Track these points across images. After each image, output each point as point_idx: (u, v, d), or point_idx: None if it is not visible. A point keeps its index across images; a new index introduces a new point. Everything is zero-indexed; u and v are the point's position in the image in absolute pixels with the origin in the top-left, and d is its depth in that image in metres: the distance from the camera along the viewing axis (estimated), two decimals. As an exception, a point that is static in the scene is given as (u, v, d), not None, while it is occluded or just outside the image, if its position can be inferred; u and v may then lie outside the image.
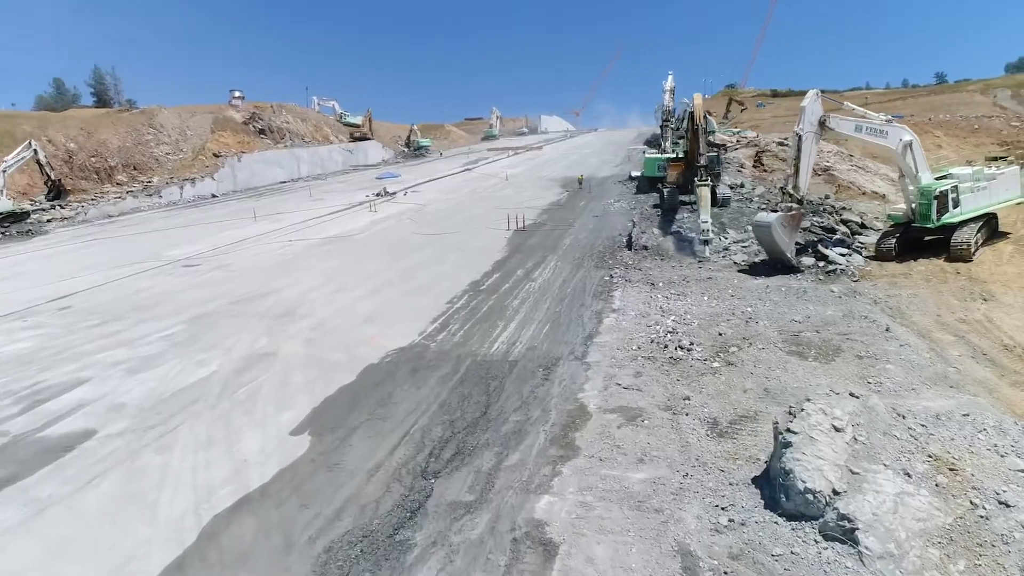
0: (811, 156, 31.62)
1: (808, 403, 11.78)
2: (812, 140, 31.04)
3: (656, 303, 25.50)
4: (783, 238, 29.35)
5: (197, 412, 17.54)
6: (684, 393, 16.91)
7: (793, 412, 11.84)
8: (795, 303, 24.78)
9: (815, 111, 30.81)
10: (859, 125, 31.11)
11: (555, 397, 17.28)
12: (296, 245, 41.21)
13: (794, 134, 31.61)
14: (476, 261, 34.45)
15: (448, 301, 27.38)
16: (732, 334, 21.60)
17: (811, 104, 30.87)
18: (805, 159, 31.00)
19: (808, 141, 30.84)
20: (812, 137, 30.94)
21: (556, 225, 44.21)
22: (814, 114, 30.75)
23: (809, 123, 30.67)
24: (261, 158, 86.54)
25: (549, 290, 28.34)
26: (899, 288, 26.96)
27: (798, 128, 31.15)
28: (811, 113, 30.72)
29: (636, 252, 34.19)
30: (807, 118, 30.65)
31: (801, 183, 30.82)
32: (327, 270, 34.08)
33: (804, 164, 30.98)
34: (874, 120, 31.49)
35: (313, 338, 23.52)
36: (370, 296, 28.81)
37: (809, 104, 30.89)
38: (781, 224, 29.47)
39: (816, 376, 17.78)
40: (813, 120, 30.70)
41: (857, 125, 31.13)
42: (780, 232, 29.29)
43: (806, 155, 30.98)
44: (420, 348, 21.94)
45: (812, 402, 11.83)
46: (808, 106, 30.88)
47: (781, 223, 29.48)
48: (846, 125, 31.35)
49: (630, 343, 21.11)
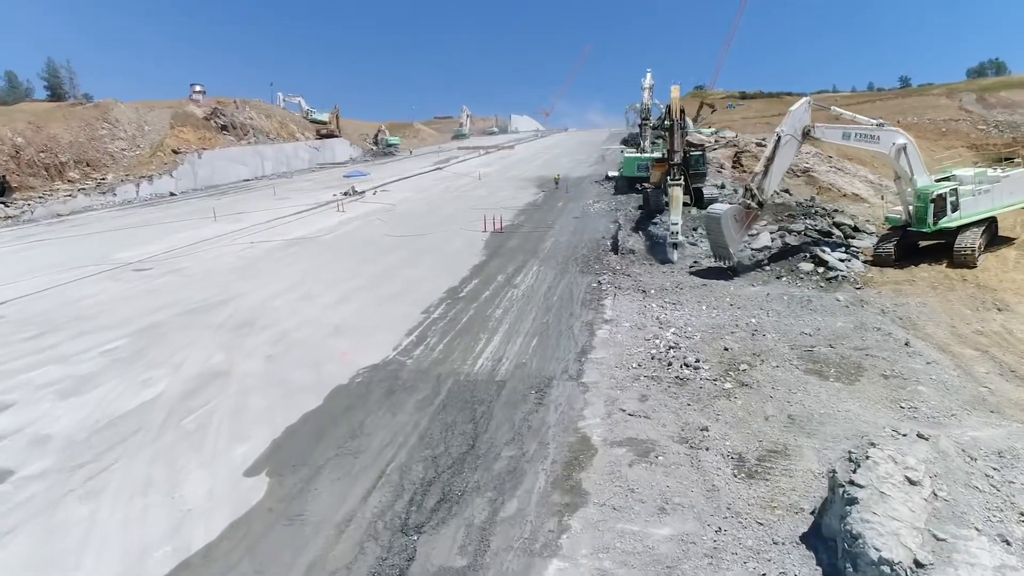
0: (785, 161, 30.02)
1: (874, 449, 9.81)
2: (791, 146, 29.45)
3: (651, 313, 23.52)
4: (731, 232, 28.17)
5: (136, 446, 15.03)
6: (699, 422, 14.89)
7: (855, 459, 9.87)
8: (801, 313, 22.98)
9: (801, 119, 29.20)
10: (847, 132, 29.58)
11: (552, 426, 15.14)
12: (258, 247, 38.48)
13: (775, 134, 30.00)
14: (453, 265, 32.18)
15: (424, 310, 25.08)
16: (740, 349, 19.68)
17: (799, 111, 29.24)
18: (778, 162, 29.36)
19: (786, 146, 29.20)
20: (792, 143, 29.32)
21: (535, 227, 42.11)
22: (800, 122, 29.15)
23: (792, 128, 29.05)
24: (223, 155, 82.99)
25: (534, 298, 26.20)
26: (906, 296, 25.36)
27: (780, 129, 29.57)
28: (797, 120, 29.12)
29: (623, 256, 32.23)
30: (791, 123, 29.05)
31: (768, 185, 29.19)
32: (292, 275, 31.52)
33: (776, 167, 29.34)
34: (864, 125, 30.02)
35: (275, 354, 21.06)
36: (339, 304, 26.37)
37: (797, 110, 29.28)
38: (733, 217, 28.21)
39: (842, 400, 15.91)
40: (797, 127, 29.09)
41: (845, 132, 29.60)
42: (729, 225, 28.11)
43: (780, 159, 29.35)
44: (395, 365, 19.63)
45: (879, 447, 9.86)
46: (795, 112, 29.29)
47: (733, 216, 28.23)
48: (833, 134, 29.84)
49: (629, 360, 19.07)
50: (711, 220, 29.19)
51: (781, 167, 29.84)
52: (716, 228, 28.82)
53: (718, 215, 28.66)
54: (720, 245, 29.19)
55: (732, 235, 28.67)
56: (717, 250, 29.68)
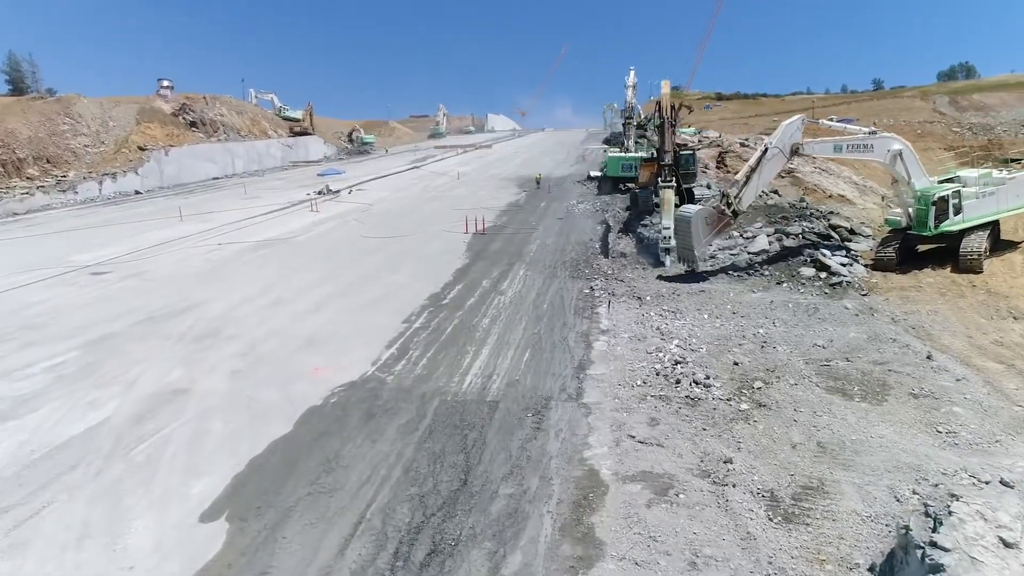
0: (768, 175, 28.69)
1: (959, 503, 8.22)
2: (777, 161, 28.10)
3: (650, 323, 21.91)
4: (699, 235, 27.14)
5: (75, 484, 13.01)
6: (720, 451, 13.26)
7: (934, 514, 8.28)
8: (810, 323, 21.53)
9: (792, 136, 27.83)
10: (838, 145, 28.44)
11: (554, 457, 13.40)
12: (226, 249, 36.25)
13: (763, 145, 28.67)
14: (434, 269, 30.32)
15: (405, 319, 23.21)
16: (751, 364, 18.12)
17: (792, 127, 27.86)
18: (761, 175, 28.00)
19: (772, 160, 27.81)
20: (779, 159, 27.96)
21: (519, 228, 40.39)
22: (791, 138, 27.80)
23: (782, 143, 27.69)
24: (191, 152, 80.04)
25: (522, 305, 24.46)
26: (914, 304, 24.05)
27: (769, 142, 28.24)
28: (788, 136, 27.77)
29: (613, 260, 30.65)
30: (781, 137, 27.70)
31: (746, 196, 27.82)
32: (261, 279, 29.42)
33: (757, 180, 27.97)
34: (856, 135, 28.80)
35: (240, 369, 19.06)
36: (312, 313, 24.39)
37: (790, 126, 27.91)
38: (703, 219, 27.15)
39: (872, 423, 14.38)
40: (786, 143, 27.72)
41: (836, 145, 28.45)
42: (698, 227, 27.08)
43: (764, 172, 27.97)
44: (375, 383, 17.75)
45: (964, 500, 8.28)
46: (787, 127, 27.95)
47: (704, 218, 27.17)
48: (823, 148, 28.68)
49: (632, 376, 17.40)
50: (680, 221, 28.15)
51: (763, 181, 28.53)
52: (684, 229, 27.74)
53: (688, 216, 27.59)
54: (686, 247, 28.03)
55: (699, 237, 27.46)
56: (682, 252, 28.52)
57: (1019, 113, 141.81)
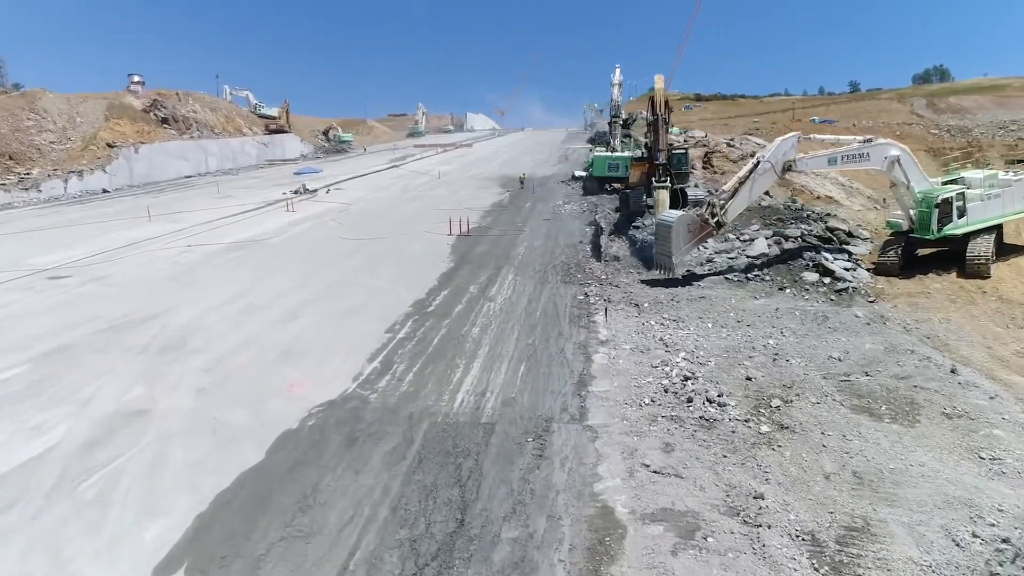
0: (758, 190, 27.53)
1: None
2: (768, 177, 27.07)
3: (652, 332, 20.50)
4: (678, 242, 25.98)
5: (7, 529, 11.26)
6: (747, 483, 11.83)
7: None
8: (820, 333, 20.26)
9: (787, 153, 26.78)
10: (833, 157, 27.37)
11: (561, 490, 11.90)
12: (196, 251, 34.28)
13: (755, 158, 27.51)
14: (418, 273, 28.69)
15: (388, 328, 21.58)
16: (765, 379, 16.77)
17: (786, 144, 26.90)
18: (751, 190, 26.81)
19: (763, 175, 26.70)
20: (770, 174, 26.88)
21: (504, 230, 38.84)
22: (785, 155, 26.74)
23: (775, 158, 26.55)
24: (162, 149, 77.42)
25: (514, 313, 22.94)
26: (925, 311, 22.95)
27: (761, 155, 27.10)
28: (782, 152, 26.79)
29: (607, 264, 29.25)
30: (775, 153, 26.66)
31: (732, 208, 26.66)
32: (233, 284, 27.58)
33: (746, 193, 26.80)
34: (851, 145, 27.71)
35: (207, 386, 17.33)
36: (287, 321, 22.67)
37: (784, 143, 26.95)
38: (685, 226, 26.00)
39: (909, 448, 13.07)
40: (780, 159, 26.62)
41: (831, 158, 27.38)
42: (679, 234, 25.95)
43: (754, 187, 26.80)
44: (357, 402, 16.13)
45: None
46: (782, 143, 26.99)
47: (686, 225, 26.03)
48: (817, 163, 27.62)
49: (639, 393, 15.96)
50: (661, 227, 26.90)
51: (751, 195, 27.30)
52: (665, 235, 26.50)
53: (669, 222, 26.34)
54: (664, 252, 26.74)
55: (679, 245, 26.22)
56: (660, 258, 27.20)
57: (995, 116, 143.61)
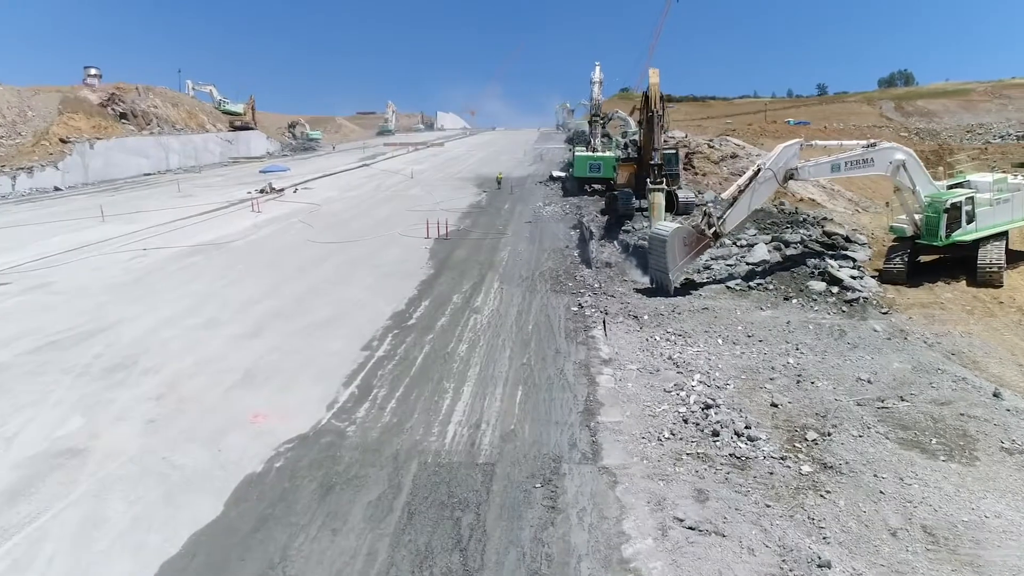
0: (758, 199, 25.87)
1: None
2: (769, 186, 25.37)
3: (658, 349, 18.64)
4: (674, 256, 24.21)
5: None
6: (802, 544, 9.95)
7: None
8: (841, 349, 18.58)
9: (789, 161, 25.10)
10: (836, 164, 25.80)
11: (584, 556, 9.91)
12: (152, 256, 31.61)
13: (756, 166, 25.85)
14: (395, 281, 26.52)
15: (365, 346, 19.40)
16: (793, 405, 15.00)
17: (788, 152, 25.16)
18: (751, 199, 25.15)
19: (764, 184, 25.03)
20: (771, 183, 25.22)
21: (485, 232, 36.79)
22: (787, 164, 25.07)
23: (776, 167, 24.92)
24: (120, 146, 73.74)
25: (503, 327, 20.91)
26: (942, 324, 21.44)
27: (762, 163, 25.47)
28: (783, 160, 25.04)
29: (598, 270, 27.38)
30: (776, 161, 24.97)
31: (731, 218, 24.98)
32: (191, 294, 25.12)
33: (746, 202, 25.14)
34: (855, 151, 26.22)
35: (157, 417, 15.00)
36: (251, 337, 20.35)
37: (786, 151, 25.21)
38: (681, 240, 24.19)
39: (976, 494, 11.33)
40: (781, 167, 24.97)
41: (834, 165, 25.81)
42: (675, 249, 24.17)
43: (754, 196, 25.13)
44: (332, 436, 13.97)
45: None
46: (784, 151, 25.27)
47: (682, 239, 24.19)
48: (820, 170, 26.03)
49: (656, 425, 14.06)
50: (656, 240, 25.00)
51: (752, 204, 25.60)
52: (660, 249, 24.67)
53: (664, 235, 24.44)
54: (660, 269, 24.91)
55: (675, 259, 24.36)
56: (655, 274, 25.37)
57: (961, 119, 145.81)
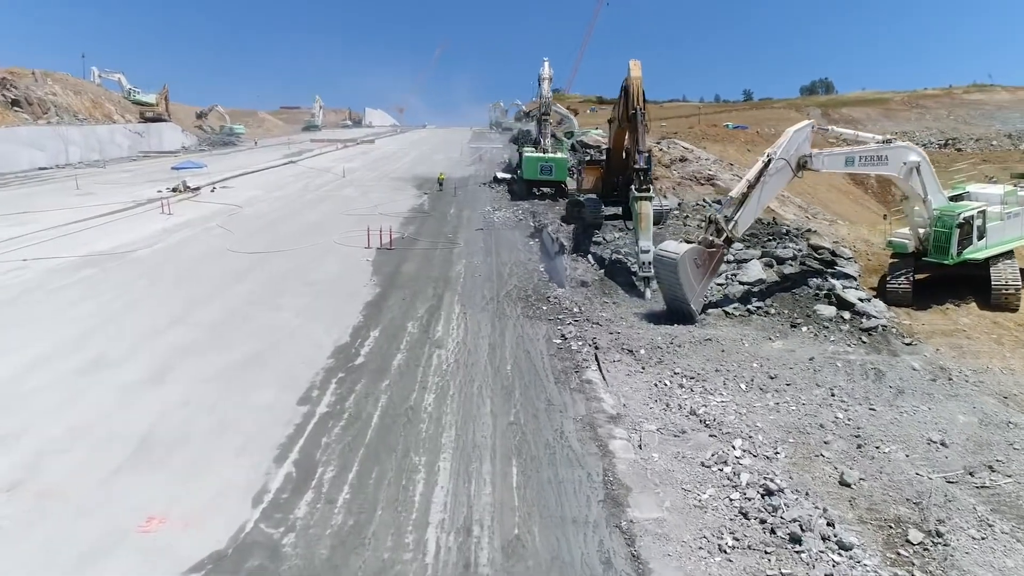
0: (770, 193, 23.02)
1: None
2: (782, 176, 22.42)
3: (673, 398, 15.07)
4: (690, 280, 20.95)
5: None
6: None
7: None
8: (887, 396, 15.47)
9: (801, 147, 22.30)
10: (850, 157, 23.28)
11: None
12: (33, 268, 26.05)
13: (765, 155, 22.84)
14: (334, 303, 22.15)
15: (303, 397, 15.08)
16: (871, 486, 11.65)
17: (800, 136, 22.36)
18: (763, 193, 22.24)
19: (777, 175, 22.14)
20: (784, 172, 22.31)
21: (434, 241, 32.61)
22: (799, 150, 22.25)
23: (788, 154, 22.05)
24: (11, 136, 65.55)
25: (476, 367, 16.93)
26: (975, 357, 18.75)
27: (772, 152, 22.48)
28: (795, 145, 22.24)
29: (573, 290, 23.69)
30: (788, 148, 22.11)
31: (743, 219, 21.99)
32: (77, 320, 20.06)
33: (757, 198, 22.17)
34: (870, 145, 23.68)
35: (5, 520, 10.40)
36: (151, 385, 15.69)
37: (797, 135, 22.35)
38: (693, 261, 20.86)
39: None
40: (793, 154, 22.12)
41: (848, 157, 23.27)
42: (689, 271, 20.87)
43: (766, 190, 22.24)
44: (262, 559, 9.70)
45: None
46: (795, 135, 22.37)
47: (693, 260, 20.87)
48: (834, 161, 23.30)
49: (711, 525, 10.40)
50: (664, 265, 21.55)
51: (764, 200, 22.69)
52: (671, 275, 21.26)
53: (674, 259, 20.93)
54: (676, 296, 21.52)
55: (692, 284, 20.96)
56: (672, 303, 21.90)
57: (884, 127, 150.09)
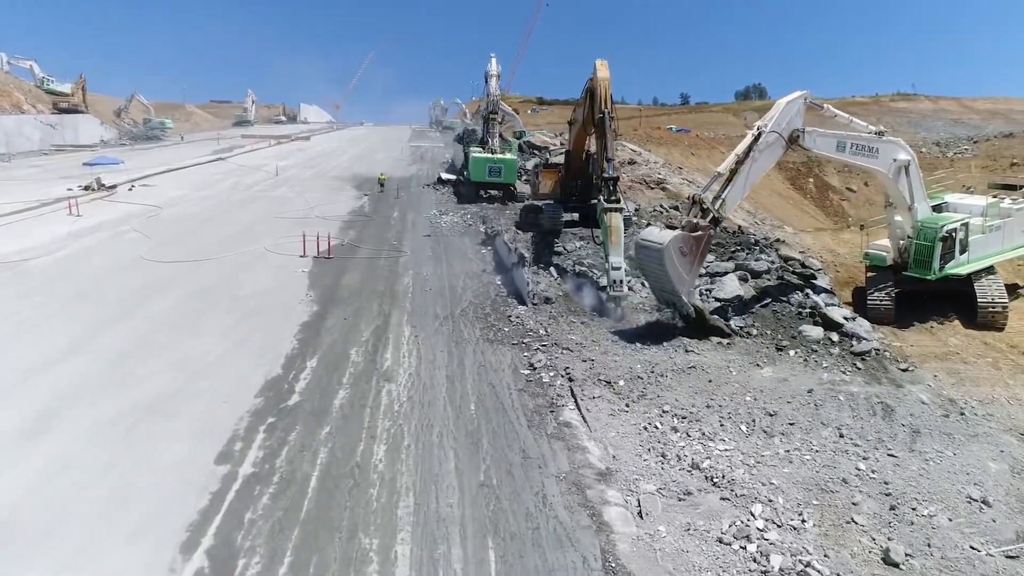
0: (760, 168, 21.29)
1: None
2: (774, 150, 20.95)
3: (671, 448, 12.89)
4: (678, 270, 19.02)
5: None
6: None
7: None
8: (904, 439, 13.69)
9: (793, 120, 20.81)
10: (842, 142, 21.77)
11: None
12: (-97, 281, 22.24)
13: (755, 129, 21.14)
14: (265, 324, 19.23)
15: (222, 454, 12.24)
16: (921, 564, 9.71)
17: (792, 108, 20.94)
18: (752, 168, 20.59)
19: (769, 149, 20.62)
20: (777, 146, 20.83)
21: (377, 248, 29.79)
22: (791, 122, 20.77)
23: (779, 127, 20.48)
24: (-100, 125, 59.49)
25: (434, 407, 14.40)
26: (976, 384, 17.33)
27: (762, 124, 20.83)
28: (787, 118, 20.79)
29: (536, 308, 21.34)
30: (780, 120, 20.58)
31: (730, 197, 20.42)
32: (-54, 348, 16.65)
33: (745, 175, 20.53)
34: (862, 133, 22.23)
35: None
36: (30, 436, 12.58)
37: (790, 106, 20.88)
38: (678, 249, 18.98)
39: None
40: (785, 128, 20.58)
41: (840, 142, 21.76)
42: (675, 260, 18.94)
43: (756, 164, 20.59)
44: None
45: None
46: (787, 107, 20.86)
47: (679, 247, 18.99)
48: (826, 143, 21.77)
49: (748, 633, 8.24)
50: (648, 254, 19.54)
51: (753, 175, 20.97)
52: (657, 266, 19.31)
53: (659, 247, 18.92)
54: (664, 289, 19.72)
55: (680, 274, 19.03)
56: (661, 295, 20.24)
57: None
